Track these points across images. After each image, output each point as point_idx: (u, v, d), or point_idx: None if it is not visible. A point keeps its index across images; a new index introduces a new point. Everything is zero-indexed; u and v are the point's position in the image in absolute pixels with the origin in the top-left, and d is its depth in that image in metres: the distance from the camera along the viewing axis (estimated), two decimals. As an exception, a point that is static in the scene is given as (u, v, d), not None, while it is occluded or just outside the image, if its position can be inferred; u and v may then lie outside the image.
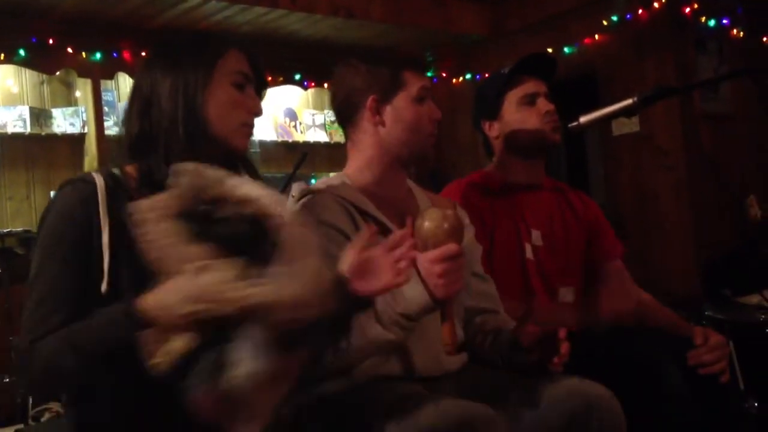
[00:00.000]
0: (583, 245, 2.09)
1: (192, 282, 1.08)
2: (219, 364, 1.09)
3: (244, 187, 1.21)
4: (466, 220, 1.78)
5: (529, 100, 2.02)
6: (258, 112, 1.37)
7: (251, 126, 1.37)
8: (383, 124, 1.66)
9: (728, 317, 2.29)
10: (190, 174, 1.18)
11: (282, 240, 1.16)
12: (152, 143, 1.27)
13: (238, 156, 1.35)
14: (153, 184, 1.22)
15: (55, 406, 2.99)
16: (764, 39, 4.32)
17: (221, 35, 1.43)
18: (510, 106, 2.03)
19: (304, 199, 1.64)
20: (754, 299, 2.30)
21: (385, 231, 1.57)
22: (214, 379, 1.08)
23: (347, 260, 1.30)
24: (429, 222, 1.38)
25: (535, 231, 2.01)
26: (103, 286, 1.16)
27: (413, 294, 1.38)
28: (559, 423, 1.46)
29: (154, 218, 1.12)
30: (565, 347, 1.49)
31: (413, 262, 1.34)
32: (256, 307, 1.07)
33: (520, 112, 2.01)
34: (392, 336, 1.42)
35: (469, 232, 1.76)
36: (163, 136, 1.26)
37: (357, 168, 1.71)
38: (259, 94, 1.40)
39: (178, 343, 1.07)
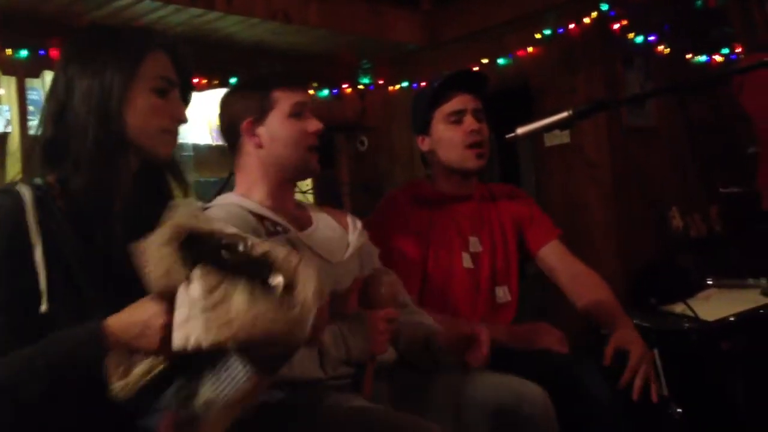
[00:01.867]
0: (515, 246, 2.15)
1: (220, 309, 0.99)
2: (189, 392, 1.06)
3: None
4: (359, 228, 1.83)
5: (456, 118, 2.05)
6: (181, 119, 1.28)
7: (174, 133, 1.29)
8: (261, 145, 1.71)
9: (653, 325, 2.36)
10: (183, 205, 1.13)
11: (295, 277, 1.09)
12: (64, 150, 1.19)
13: (161, 164, 1.29)
14: (70, 195, 1.15)
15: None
16: (688, 56, 4.50)
17: (145, 34, 1.33)
18: (438, 123, 2.07)
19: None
20: (679, 308, 2.39)
21: (285, 231, 1.65)
22: (180, 407, 1.05)
23: None
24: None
25: (472, 238, 2.04)
26: (43, 306, 1.08)
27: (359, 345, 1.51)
28: (489, 417, 1.51)
29: (155, 247, 1.05)
30: (485, 347, 1.55)
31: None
32: (264, 336, 1.02)
33: (447, 130, 2.06)
34: (322, 374, 1.52)
35: (364, 237, 1.84)
36: (74, 143, 1.18)
37: (246, 189, 1.75)
38: (185, 99, 1.32)
39: (142, 368, 1.03)
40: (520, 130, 1.68)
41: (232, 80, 4.57)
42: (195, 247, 1.05)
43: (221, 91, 4.68)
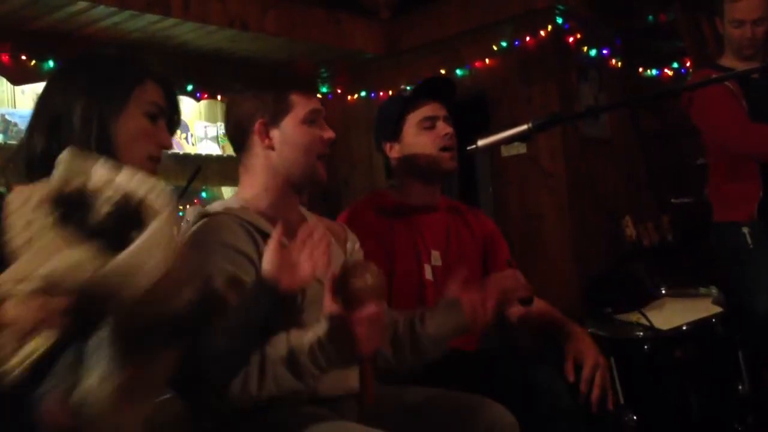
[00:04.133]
0: (479, 261, 2.16)
1: (36, 260, 0.99)
2: (74, 366, 1.02)
3: (112, 175, 1.12)
4: (357, 245, 1.81)
5: (429, 124, 2.07)
6: (168, 147, 1.35)
7: (157, 160, 1.33)
8: (272, 147, 1.67)
9: (609, 334, 2.41)
10: (62, 162, 1.11)
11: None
12: (52, 161, 1.17)
13: None
14: None
15: None
16: (640, 69, 4.60)
17: (142, 62, 1.39)
18: (410, 128, 2.08)
19: (200, 222, 1.60)
20: (633, 317, 2.43)
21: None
22: (67, 386, 1.00)
23: (267, 259, 1.34)
24: (355, 279, 1.40)
25: (434, 251, 2.05)
26: None
27: (327, 346, 1.40)
28: None
29: (21, 207, 1.05)
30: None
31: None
32: (100, 287, 1.00)
33: (420, 135, 2.06)
34: (303, 386, 1.44)
35: (359, 254, 1.81)
36: None
37: (251, 192, 1.70)
38: (171, 130, 1.38)
39: (33, 345, 0.97)
40: (480, 142, 1.69)
41: (189, 87, 4.53)
42: (63, 207, 1.06)
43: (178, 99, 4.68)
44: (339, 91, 5.13)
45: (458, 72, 4.47)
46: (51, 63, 3.84)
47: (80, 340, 1.04)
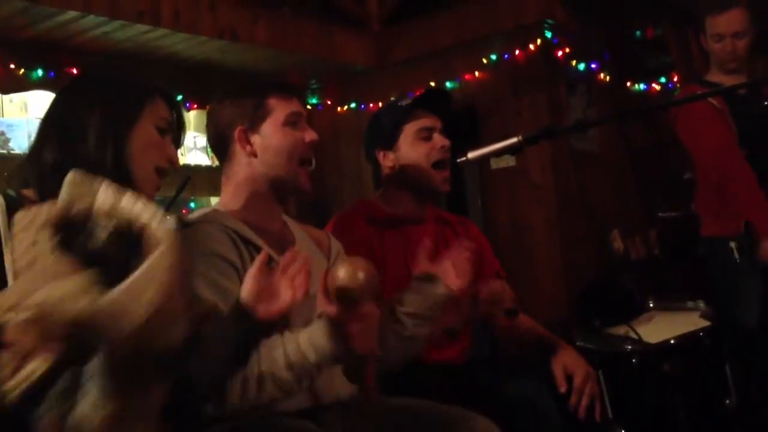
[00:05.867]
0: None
1: (32, 286, 0.98)
2: (70, 391, 1.01)
3: (116, 200, 1.12)
4: (341, 252, 1.80)
5: (426, 135, 2.07)
6: (174, 161, 1.38)
7: (164, 174, 1.37)
8: (254, 154, 1.65)
9: (597, 347, 2.41)
10: (68, 185, 1.11)
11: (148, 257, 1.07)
12: (63, 170, 1.17)
13: None
14: None
15: None
16: (628, 83, 4.64)
17: (150, 81, 1.44)
18: (407, 138, 2.08)
19: (180, 232, 1.59)
20: (622, 330, 2.44)
21: (269, 260, 1.56)
22: (63, 410, 1.00)
23: (245, 287, 1.32)
24: (347, 277, 1.35)
25: (423, 262, 2.04)
26: None
27: (325, 345, 1.38)
28: None
29: (28, 227, 1.05)
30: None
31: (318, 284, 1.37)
32: (92, 321, 0.98)
33: (416, 146, 2.06)
34: (301, 387, 1.44)
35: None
36: (87, 169, 1.17)
37: (232, 200, 1.69)
38: (176, 145, 1.43)
39: (31, 367, 0.97)
40: (470, 155, 1.69)
41: (178, 97, 4.52)
42: (66, 230, 1.06)
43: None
44: (329, 102, 5.13)
45: (448, 84, 4.48)
46: (40, 72, 3.82)
47: (77, 365, 1.03)
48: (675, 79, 4.45)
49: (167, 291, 1.03)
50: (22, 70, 3.79)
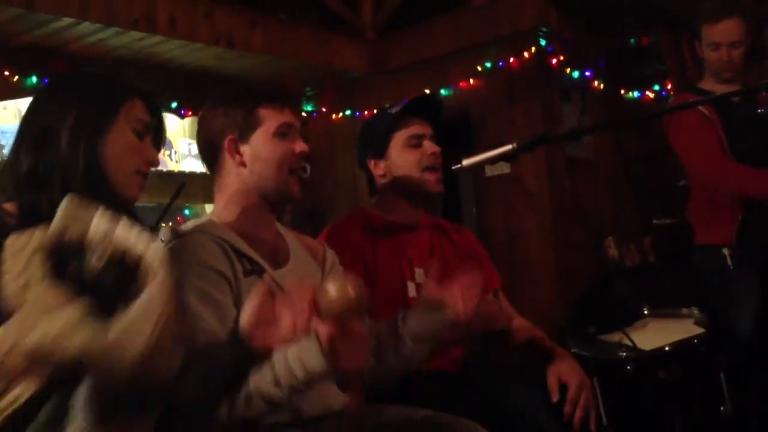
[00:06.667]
0: None
1: (26, 324, 0.97)
2: (56, 418, 1.00)
3: (111, 227, 1.10)
4: (336, 262, 1.80)
5: (416, 142, 2.07)
6: (154, 163, 1.35)
7: (145, 176, 1.34)
8: (244, 164, 1.64)
9: (592, 354, 2.41)
10: (62, 210, 1.10)
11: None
12: (44, 180, 1.19)
13: (125, 205, 1.29)
14: (38, 222, 1.12)
15: None
16: (621, 91, 4.66)
17: (127, 82, 1.40)
18: (396, 145, 2.08)
19: (174, 243, 1.58)
20: (617, 337, 2.44)
21: (260, 271, 1.56)
22: None
23: (244, 315, 1.27)
24: (336, 294, 1.31)
25: (418, 269, 2.04)
26: None
27: (313, 362, 1.35)
28: None
29: (18, 253, 1.04)
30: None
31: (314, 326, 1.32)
32: (92, 359, 0.98)
33: (406, 153, 2.06)
34: (291, 402, 1.42)
35: (338, 271, 1.79)
36: (59, 174, 1.20)
37: (224, 210, 1.67)
38: (157, 147, 1.39)
39: (16, 393, 0.98)
40: (465, 162, 1.69)
41: (173, 104, 4.53)
42: (58, 257, 1.05)
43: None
44: (324, 109, 5.14)
45: (443, 92, 4.50)
46: (34, 79, 3.82)
47: (63, 391, 1.02)
48: (669, 86, 4.47)
49: (164, 325, 1.03)
50: (17, 77, 3.79)
